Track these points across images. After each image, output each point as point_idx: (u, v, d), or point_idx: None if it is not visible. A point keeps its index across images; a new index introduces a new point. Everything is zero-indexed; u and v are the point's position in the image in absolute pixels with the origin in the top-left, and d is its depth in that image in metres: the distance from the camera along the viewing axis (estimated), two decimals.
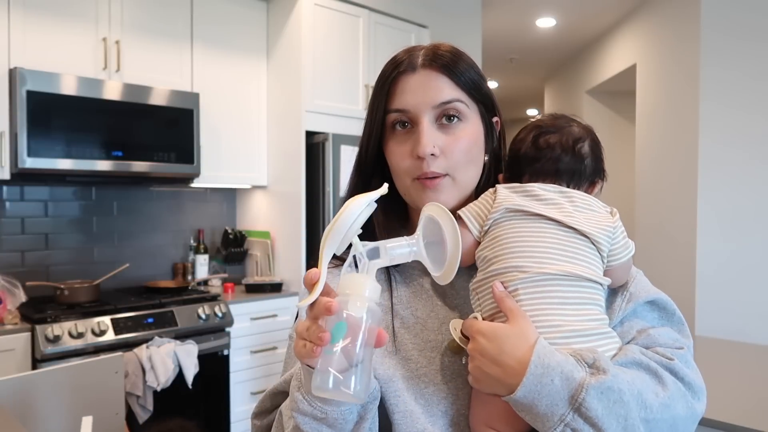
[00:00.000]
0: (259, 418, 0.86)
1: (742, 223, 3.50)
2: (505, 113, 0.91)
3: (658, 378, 0.72)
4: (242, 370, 2.98)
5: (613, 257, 0.77)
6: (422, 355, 0.79)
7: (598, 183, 0.84)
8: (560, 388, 0.64)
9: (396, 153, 0.82)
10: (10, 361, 2.32)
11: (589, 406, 0.64)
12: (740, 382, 1.92)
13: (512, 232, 0.75)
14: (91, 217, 3.09)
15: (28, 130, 2.46)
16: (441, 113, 0.80)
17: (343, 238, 0.63)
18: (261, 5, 3.37)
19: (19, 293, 2.62)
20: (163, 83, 2.92)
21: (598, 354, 0.68)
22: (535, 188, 0.78)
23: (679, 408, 0.71)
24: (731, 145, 3.52)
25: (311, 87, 3.16)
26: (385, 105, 0.82)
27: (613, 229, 0.77)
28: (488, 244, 0.77)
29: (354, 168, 0.89)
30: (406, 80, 0.81)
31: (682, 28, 3.81)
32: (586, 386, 0.64)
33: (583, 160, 0.81)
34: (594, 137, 0.83)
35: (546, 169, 0.80)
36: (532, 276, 0.71)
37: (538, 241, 0.74)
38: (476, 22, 4.17)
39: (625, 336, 0.78)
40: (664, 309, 0.81)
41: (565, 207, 0.76)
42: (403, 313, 0.83)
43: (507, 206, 0.76)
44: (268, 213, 3.44)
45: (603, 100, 5.77)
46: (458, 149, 0.80)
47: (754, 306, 3.43)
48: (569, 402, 0.64)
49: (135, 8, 2.86)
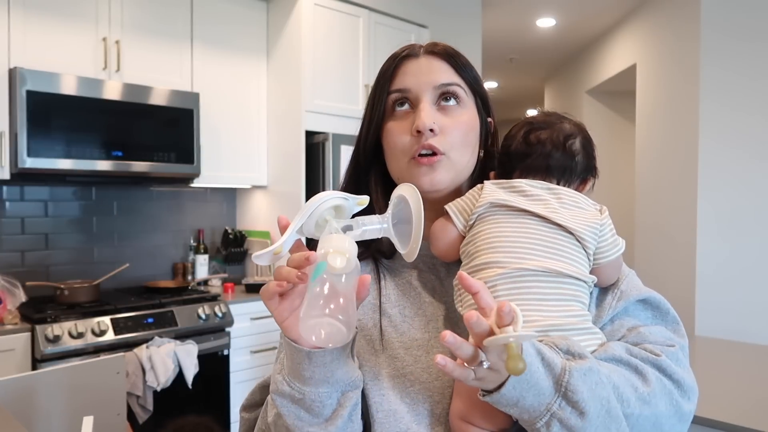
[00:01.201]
0: (247, 411, 0.86)
1: (742, 223, 3.50)
2: (505, 113, 0.91)
3: (639, 374, 0.71)
4: (242, 370, 2.99)
5: (600, 255, 0.76)
6: (408, 353, 0.79)
7: (590, 180, 0.83)
8: (544, 374, 0.63)
9: (394, 131, 0.82)
10: (10, 361, 2.32)
11: (575, 389, 0.63)
12: (740, 382, 1.92)
13: (495, 227, 0.75)
14: (91, 217, 3.09)
15: (28, 130, 2.46)
16: (441, 94, 0.82)
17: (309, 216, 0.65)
18: (261, 5, 3.37)
19: (19, 293, 2.62)
20: (163, 83, 2.92)
21: (570, 341, 0.67)
22: (522, 184, 0.78)
23: (662, 405, 0.70)
24: (731, 145, 3.52)
25: (311, 87, 3.16)
26: (387, 88, 0.83)
27: (600, 227, 0.76)
28: (471, 239, 0.77)
29: (351, 160, 0.90)
30: (408, 64, 0.83)
31: (682, 28, 3.81)
32: (568, 369, 0.64)
33: (574, 157, 0.80)
34: (585, 134, 0.83)
35: (536, 165, 0.80)
36: (510, 272, 0.71)
37: (519, 237, 0.73)
38: (476, 22, 4.17)
39: (615, 334, 0.77)
40: (658, 308, 0.81)
41: (551, 203, 0.76)
42: (391, 311, 0.83)
43: (491, 200, 0.76)
44: (268, 213, 3.44)
45: (603, 100, 5.77)
46: (456, 130, 0.81)
47: (754, 306, 3.44)
48: (555, 388, 0.63)
49: (135, 8, 2.87)
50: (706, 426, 1.55)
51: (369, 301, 0.85)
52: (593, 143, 0.84)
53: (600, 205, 0.79)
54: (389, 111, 0.84)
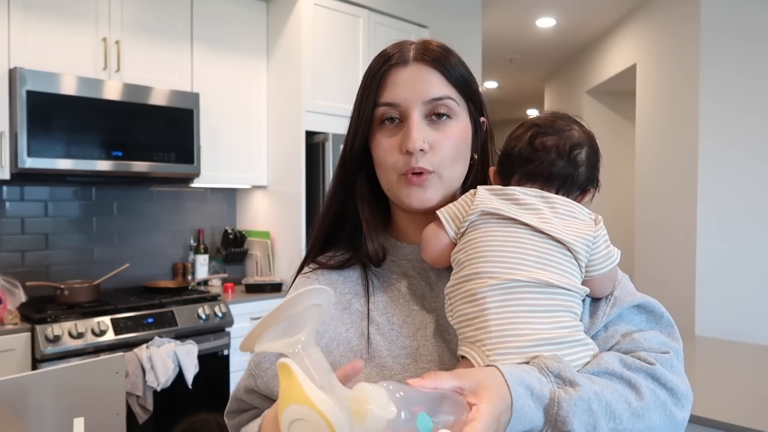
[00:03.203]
0: (229, 417, 0.89)
1: (741, 223, 3.50)
2: (505, 113, 0.90)
3: (632, 387, 0.70)
4: (242, 370, 2.97)
5: (593, 267, 0.75)
6: (396, 362, 0.78)
7: (590, 192, 0.81)
8: (534, 409, 0.63)
9: (383, 147, 0.80)
10: (10, 361, 2.32)
11: (564, 420, 0.63)
12: (740, 382, 1.92)
13: (486, 235, 0.73)
14: (91, 217, 3.09)
15: (28, 130, 2.46)
16: (431, 110, 0.79)
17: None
18: (261, 5, 3.37)
19: (19, 293, 2.62)
20: (163, 83, 2.92)
21: (562, 363, 0.66)
22: (516, 192, 0.76)
23: (655, 418, 0.70)
24: (731, 145, 3.52)
25: (311, 87, 3.16)
26: (374, 98, 0.80)
27: (593, 238, 0.74)
28: (462, 247, 0.75)
29: (338, 164, 0.88)
30: (397, 73, 0.80)
31: (682, 28, 3.82)
32: (557, 400, 0.63)
33: (578, 167, 0.78)
34: (593, 144, 0.81)
35: (538, 171, 0.78)
36: (501, 282, 0.70)
37: (510, 247, 0.72)
38: (476, 22, 4.17)
39: (609, 341, 0.76)
40: (652, 312, 0.79)
41: (544, 213, 0.74)
42: (379, 319, 0.82)
43: (483, 209, 0.74)
44: (268, 213, 3.44)
45: (603, 100, 5.77)
46: (447, 146, 0.79)
47: (754, 306, 3.44)
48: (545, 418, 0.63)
49: (135, 8, 2.87)
50: (706, 426, 1.55)
51: (357, 308, 0.83)
52: (599, 154, 0.81)
53: (595, 214, 0.78)
54: (377, 123, 0.82)
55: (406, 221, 0.88)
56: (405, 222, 0.88)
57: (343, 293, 0.85)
